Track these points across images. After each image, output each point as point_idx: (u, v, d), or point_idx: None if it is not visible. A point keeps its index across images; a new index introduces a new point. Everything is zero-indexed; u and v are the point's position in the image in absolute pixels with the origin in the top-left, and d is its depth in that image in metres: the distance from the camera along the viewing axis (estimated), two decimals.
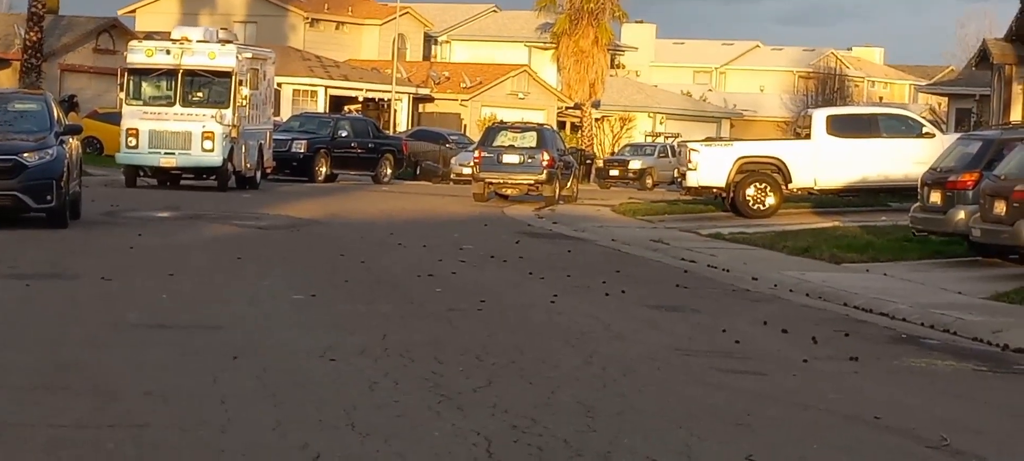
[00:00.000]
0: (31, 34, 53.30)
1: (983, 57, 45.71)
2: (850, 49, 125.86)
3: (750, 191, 35.76)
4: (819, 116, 37.10)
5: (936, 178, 25.43)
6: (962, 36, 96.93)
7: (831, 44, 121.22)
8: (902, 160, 34.37)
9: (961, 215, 23.93)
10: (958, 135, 32.89)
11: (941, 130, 39.36)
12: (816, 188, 36.39)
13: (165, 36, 42.23)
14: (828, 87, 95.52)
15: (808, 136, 36.46)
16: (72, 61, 64.21)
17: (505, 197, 42.29)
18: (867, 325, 16.73)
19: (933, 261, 24.15)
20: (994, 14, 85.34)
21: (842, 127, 36.32)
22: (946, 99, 63.59)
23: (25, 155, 24.45)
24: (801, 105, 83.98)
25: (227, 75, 39.76)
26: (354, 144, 52.39)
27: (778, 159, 36.04)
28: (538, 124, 47.38)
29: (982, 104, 51.38)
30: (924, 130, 36.38)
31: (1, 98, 28.19)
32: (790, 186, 36.08)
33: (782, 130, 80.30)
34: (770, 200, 35.69)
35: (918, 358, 14.48)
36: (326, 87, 76.44)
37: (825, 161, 35.70)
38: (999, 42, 45.03)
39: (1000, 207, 22.07)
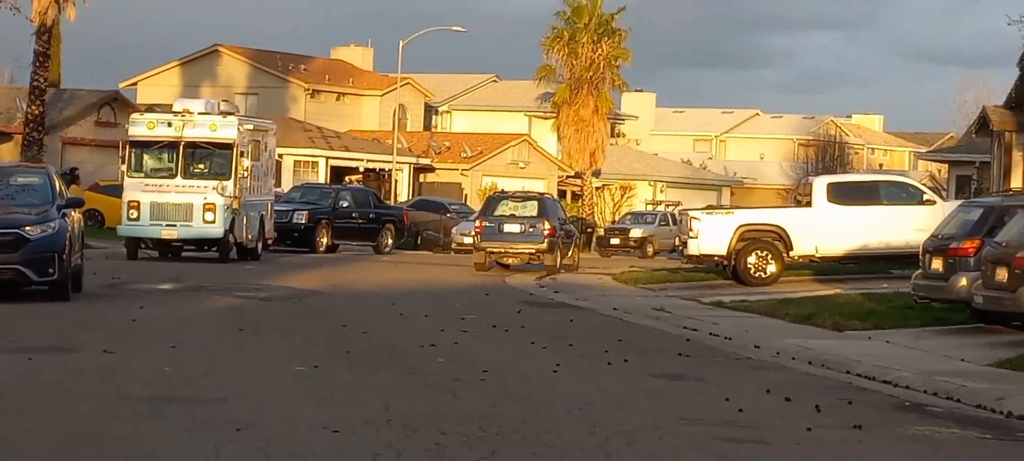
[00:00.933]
0: (33, 107, 53.43)
1: (983, 124, 45.82)
2: (849, 116, 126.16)
3: (751, 259, 35.77)
4: (820, 184, 37.15)
5: (937, 245, 25.45)
6: (961, 103, 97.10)
7: (830, 112, 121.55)
8: (903, 227, 34.41)
9: (963, 282, 23.93)
10: (959, 202, 32.95)
11: (942, 197, 39.44)
12: (817, 256, 36.39)
13: (167, 108, 42.40)
14: (828, 154, 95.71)
15: (809, 204, 36.51)
16: (74, 134, 64.38)
17: (507, 266, 42.30)
18: (870, 393, 16.71)
19: (935, 328, 24.14)
20: (993, 81, 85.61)
21: (843, 194, 36.37)
22: (946, 166, 63.71)
23: (27, 228, 24.49)
24: (801, 173, 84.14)
25: (229, 147, 39.85)
26: (355, 214, 52.46)
27: (779, 227, 36.07)
28: (539, 193, 47.47)
29: (982, 171, 51.47)
30: (925, 197, 36.43)
31: (3, 172, 28.27)
32: (791, 254, 36.09)
33: (782, 198, 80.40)
34: (771, 268, 35.70)
35: (922, 426, 14.45)
36: (327, 158, 76.58)
37: (826, 229, 35.72)
38: (998, 109, 45.15)
39: (1002, 274, 22.08)
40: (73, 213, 26.24)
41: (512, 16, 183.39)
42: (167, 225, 39.79)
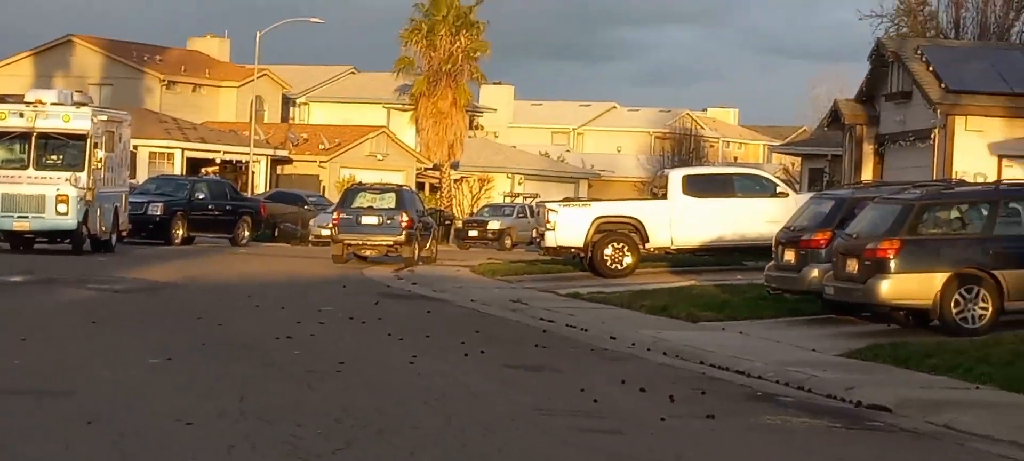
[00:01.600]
0: None
1: (835, 117, 46.50)
2: (705, 110, 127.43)
3: (608, 251, 35.98)
4: (675, 176, 37.45)
5: (790, 237, 25.79)
6: (814, 97, 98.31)
7: (686, 105, 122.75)
8: (757, 219, 34.79)
9: (814, 273, 24.25)
10: (811, 194, 33.38)
11: (795, 190, 39.95)
12: (673, 247, 36.69)
13: (18, 98, 41.72)
14: (684, 147, 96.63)
15: (665, 196, 36.81)
16: None
17: (364, 258, 42.21)
18: (723, 383, 16.89)
19: (788, 319, 24.45)
20: (845, 75, 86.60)
21: (698, 187, 36.71)
22: (799, 159, 64.51)
23: None
24: (657, 165, 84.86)
25: (82, 138, 39.35)
26: (211, 206, 52.04)
27: (635, 219, 36.32)
28: (397, 185, 47.41)
29: (834, 164, 52.19)
30: (778, 190, 36.86)
31: None
32: (647, 246, 36.35)
33: (639, 190, 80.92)
34: (627, 260, 35.93)
35: (773, 415, 14.63)
36: (183, 149, 75.87)
37: (682, 221, 36.03)
38: (850, 102, 45.87)
39: (852, 265, 22.41)
40: None
41: (371, 8, 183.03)
42: (19, 217, 39.21)
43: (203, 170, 72.43)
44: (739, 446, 12.83)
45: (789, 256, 25.41)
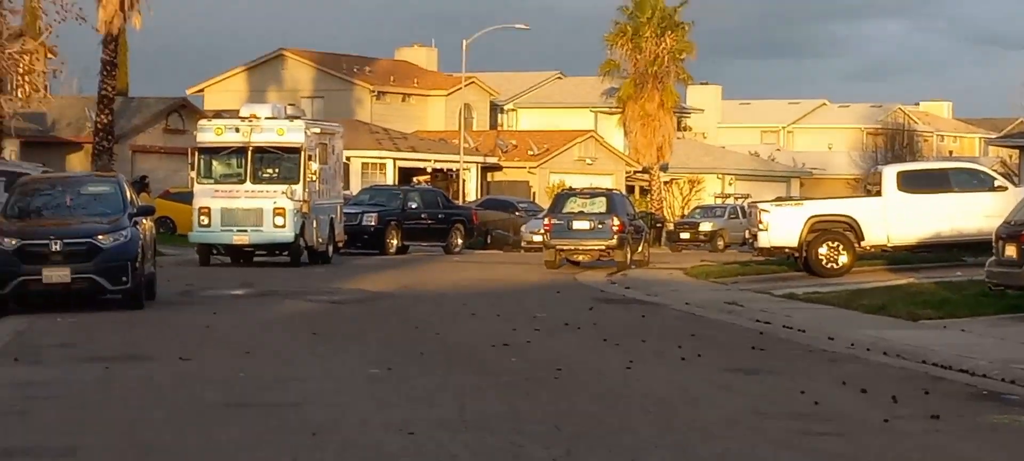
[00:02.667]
0: (102, 117, 53.74)
1: None
2: (917, 104, 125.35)
3: (822, 250, 35.60)
4: (889, 172, 36.90)
5: (1010, 232, 25.20)
6: None
7: (898, 100, 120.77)
8: (975, 214, 34.15)
9: None
10: None
11: (1013, 183, 39.11)
12: (889, 245, 36.17)
13: (234, 114, 42.57)
14: (897, 143, 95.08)
15: (879, 193, 36.28)
16: (143, 142, 64.83)
17: (577, 263, 42.25)
18: (947, 382, 16.56)
19: (1011, 316, 23.90)
20: None
21: (913, 183, 36.13)
22: (1017, 151, 63.12)
23: (99, 238, 24.67)
24: (870, 162, 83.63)
25: (296, 151, 39.99)
26: (424, 215, 52.55)
27: (850, 217, 35.88)
28: (607, 189, 47.39)
29: None
30: (996, 183, 36.12)
31: (74, 182, 28.55)
32: (863, 244, 35.88)
33: (852, 188, 79.90)
34: (843, 258, 35.51)
35: (1000, 414, 14.31)
36: (395, 159, 76.76)
37: (897, 218, 35.50)
38: None
39: None
40: (144, 221, 26.42)
41: (575, 12, 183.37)
42: (238, 230, 39.97)
43: (415, 179, 73.15)
44: (965, 447, 12.57)
45: (1010, 251, 24.83)
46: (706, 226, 67.91)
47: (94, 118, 55.47)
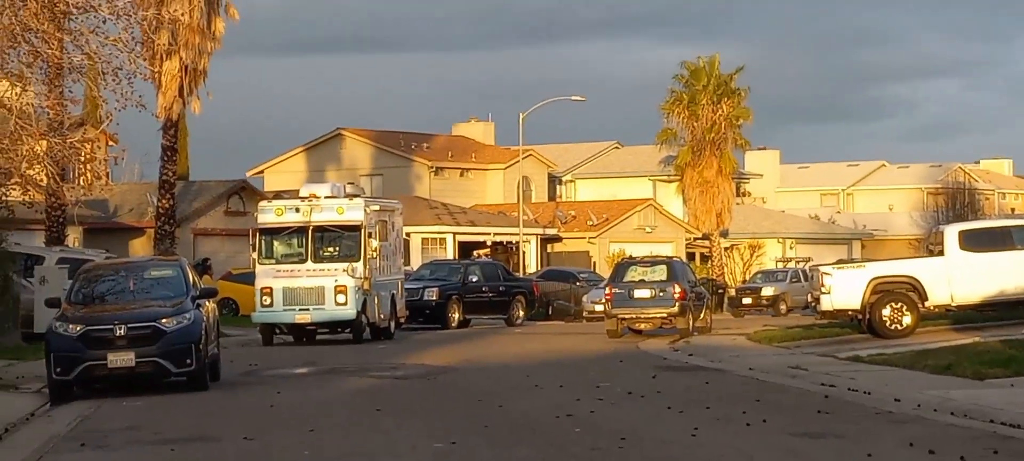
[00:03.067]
0: (163, 201, 54.17)
1: None
2: (977, 162, 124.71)
3: (886, 311, 35.42)
4: (951, 232, 36.71)
5: None
6: None
7: (958, 159, 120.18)
8: None
9: None
10: None
11: None
12: (953, 304, 35.96)
13: (294, 194, 42.83)
14: (958, 202, 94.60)
15: (941, 253, 36.10)
16: (204, 225, 65.25)
17: (639, 332, 42.15)
18: (1016, 441, 16.40)
19: None
20: None
21: (976, 241, 35.94)
22: None
23: (163, 321, 24.81)
24: (931, 222, 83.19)
25: (356, 229, 40.16)
26: (485, 288, 52.60)
27: (912, 278, 35.71)
28: (667, 257, 47.38)
29: None
30: None
31: (137, 266, 28.74)
32: (926, 304, 35.69)
33: (914, 248, 79.50)
34: (907, 319, 35.32)
35: None
36: (454, 233, 76.94)
37: (960, 277, 35.31)
38: None
39: None
40: (207, 303, 26.55)
41: (631, 81, 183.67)
42: (300, 309, 40.11)
43: (475, 253, 73.28)
44: None
45: None
46: (768, 291, 67.69)
47: (156, 203, 55.90)
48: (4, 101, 32.05)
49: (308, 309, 40.06)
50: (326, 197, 40.69)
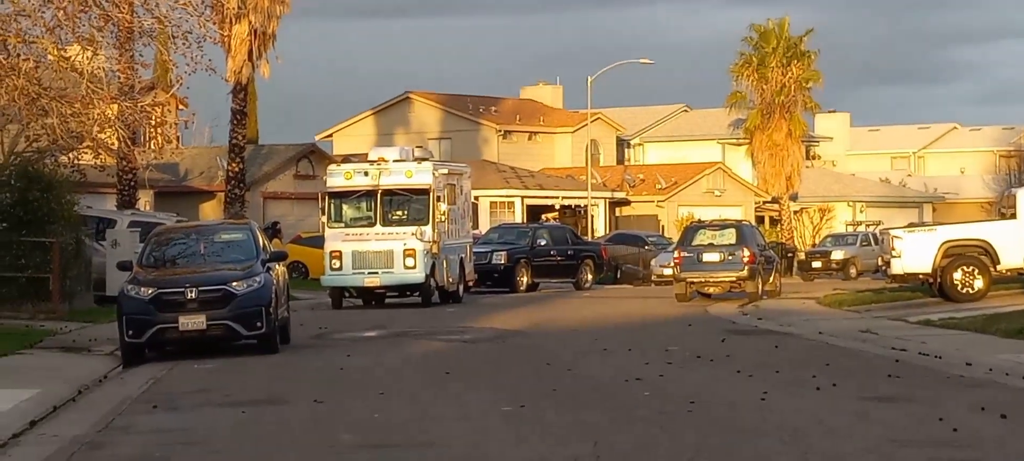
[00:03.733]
0: (232, 165, 54.47)
1: None
2: None
3: (957, 275, 35.22)
4: (1023, 195, 36.41)
5: None
6: None
7: None
8: None
9: None
10: None
11: None
12: None
13: (362, 158, 42.96)
14: None
15: (1013, 216, 35.83)
16: (273, 188, 65.53)
17: (708, 296, 42.06)
18: None
19: None
20: None
21: None
22: None
23: (234, 284, 24.94)
24: (1003, 185, 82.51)
25: (425, 192, 40.24)
26: (553, 252, 52.59)
27: (984, 241, 35.48)
28: (736, 221, 47.17)
29: None
30: None
31: (208, 230, 28.90)
32: (998, 268, 35.45)
33: (986, 211, 78.90)
34: (978, 283, 35.11)
35: None
36: (522, 197, 76.95)
37: None
38: None
39: None
40: (277, 266, 26.67)
41: (699, 44, 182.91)
42: (369, 273, 40.26)
43: (543, 216, 73.28)
44: None
45: None
46: (838, 254, 67.32)
47: (225, 166, 56.24)
48: (76, 65, 32.27)
49: (377, 272, 40.21)
50: (395, 161, 40.79)
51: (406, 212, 40.50)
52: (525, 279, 50.78)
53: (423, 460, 13.33)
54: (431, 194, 40.25)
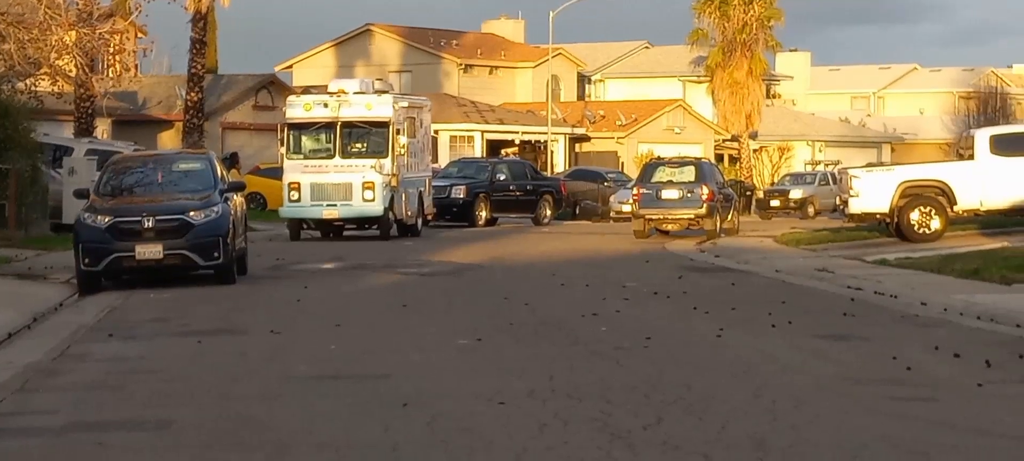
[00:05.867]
0: (191, 94, 54.21)
1: None
2: (1011, 67, 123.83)
3: (914, 215, 35.33)
4: (982, 136, 36.54)
5: None
6: None
7: (990, 63, 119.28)
8: None
9: None
10: None
11: None
12: (982, 209, 35.84)
13: (322, 90, 42.80)
14: (989, 106, 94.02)
15: (971, 157, 35.95)
16: (232, 119, 65.26)
17: (666, 233, 42.16)
18: None
19: None
20: None
21: (1006, 146, 35.77)
22: None
23: (191, 214, 24.88)
24: (962, 126, 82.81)
25: (384, 125, 40.14)
26: (513, 187, 52.59)
27: (942, 182, 35.58)
28: (696, 158, 47.22)
29: None
30: None
31: (166, 159, 28.80)
32: (955, 208, 35.58)
33: (944, 152, 79.19)
34: (935, 223, 35.23)
35: None
36: (482, 132, 76.86)
37: (990, 181, 35.15)
38: None
39: None
40: (235, 197, 26.61)
41: None
42: (328, 205, 40.19)
43: (503, 151, 73.23)
44: None
45: None
46: (796, 193, 67.52)
47: (184, 96, 55.97)
48: None
49: (336, 205, 40.14)
50: (355, 93, 40.67)
51: (366, 145, 40.41)
52: (484, 214, 50.79)
53: (378, 392, 13.34)
54: (391, 127, 40.16)
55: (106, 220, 24.69)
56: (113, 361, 16.00)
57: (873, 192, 35.59)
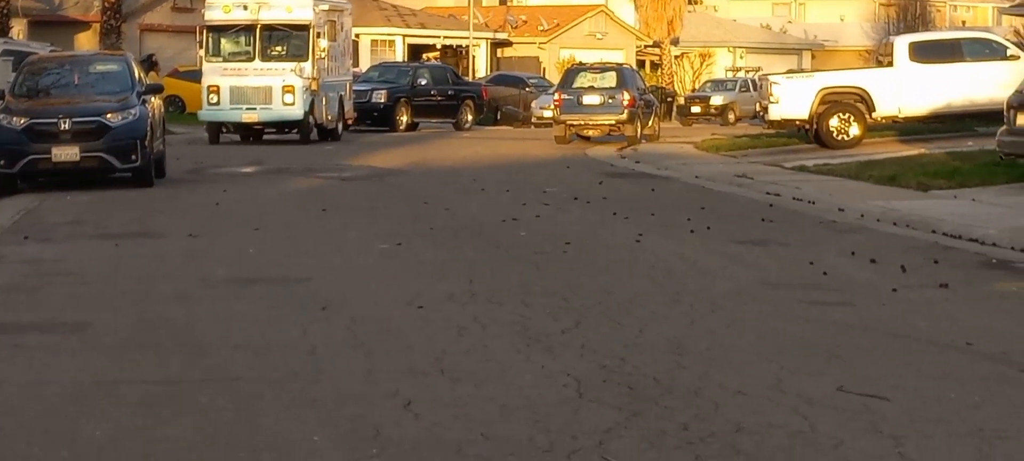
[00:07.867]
0: None
1: None
2: None
3: (833, 122, 35.51)
4: (901, 43, 36.71)
5: (1022, 101, 25.09)
6: None
7: None
8: (987, 84, 33.99)
9: None
10: None
11: None
12: (900, 116, 36.07)
13: None
14: (910, 14, 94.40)
15: (891, 64, 36.13)
16: (151, 21, 64.64)
17: (587, 138, 42.19)
18: (956, 252, 16.56)
19: (1022, 185, 23.86)
20: None
21: (925, 53, 35.96)
22: None
23: (108, 116, 24.67)
24: (883, 33, 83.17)
25: (305, 28, 39.85)
26: (434, 92, 52.44)
27: (861, 89, 35.76)
28: (617, 64, 47.18)
29: None
30: (1009, 53, 35.93)
31: (82, 60, 28.50)
32: (874, 115, 35.79)
33: (864, 59, 79.55)
34: (854, 130, 35.43)
35: (1009, 282, 14.32)
36: (404, 36, 76.49)
37: (909, 88, 35.36)
38: None
39: None
40: (153, 99, 26.39)
41: None
42: (247, 109, 39.93)
43: (424, 56, 72.95)
44: (974, 314, 12.58)
45: (1021, 120, 24.73)
46: (717, 100, 67.72)
47: None
48: None
49: (255, 108, 39.89)
50: None
51: (285, 48, 40.12)
52: (405, 118, 50.63)
53: (297, 296, 13.31)
54: (311, 30, 39.88)
55: (21, 121, 24.45)
56: (29, 263, 15.88)
57: (793, 99, 35.72)
